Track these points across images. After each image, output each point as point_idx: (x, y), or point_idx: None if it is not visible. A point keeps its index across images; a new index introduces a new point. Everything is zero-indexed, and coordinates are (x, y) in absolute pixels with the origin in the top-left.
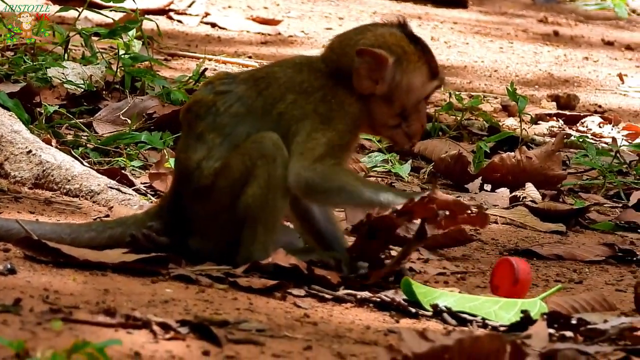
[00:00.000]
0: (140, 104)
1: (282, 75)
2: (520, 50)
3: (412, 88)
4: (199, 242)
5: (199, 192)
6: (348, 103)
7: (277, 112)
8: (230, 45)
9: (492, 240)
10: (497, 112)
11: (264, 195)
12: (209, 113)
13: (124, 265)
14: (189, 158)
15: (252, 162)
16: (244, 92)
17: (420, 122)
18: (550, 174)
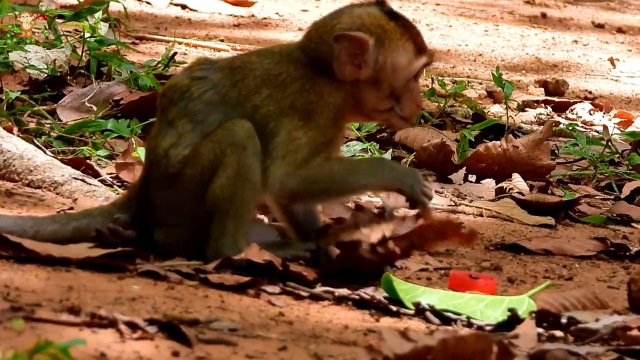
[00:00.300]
0: (107, 89)
1: (258, 67)
2: (506, 33)
3: (398, 67)
4: (165, 234)
5: (165, 181)
6: (328, 93)
7: (252, 105)
8: (201, 28)
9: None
10: (482, 98)
11: (233, 185)
12: (182, 98)
13: (89, 261)
14: (158, 145)
15: (222, 150)
16: (220, 80)
17: (414, 101)
18: (538, 164)
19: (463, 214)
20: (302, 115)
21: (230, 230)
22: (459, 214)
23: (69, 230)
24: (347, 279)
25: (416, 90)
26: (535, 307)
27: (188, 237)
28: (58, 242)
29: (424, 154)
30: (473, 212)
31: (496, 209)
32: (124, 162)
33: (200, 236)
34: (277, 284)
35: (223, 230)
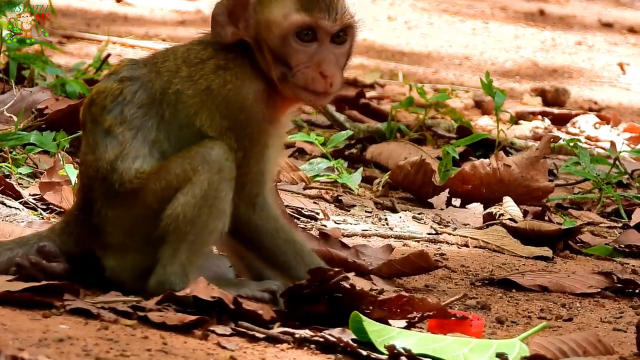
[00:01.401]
0: (29, 97)
1: (179, 47)
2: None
3: (271, 22)
4: (116, 261)
5: (118, 199)
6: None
7: (174, 91)
8: (140, 25)
9: (462, 268)
10: (469, 109)
11: (198, 208)
12: (116, 104)
13: (9, 296)
14: (99, 159)
15: (193, 166)
16: (145, 75)
17: (315, 68)
18: (534, 186)
19: (445, 244)
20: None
21: (182, 258)
22: (440, 243)
23: (2, 262)
24: (309, 319)
25: (316, 55)
26: (528, 352)
27: (143, 264)
28: None
29: (400, 173)
30: (457, 241)
31: (484, 238)
32: (49, 182)
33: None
34: (228, 323)
35: (174, 256)
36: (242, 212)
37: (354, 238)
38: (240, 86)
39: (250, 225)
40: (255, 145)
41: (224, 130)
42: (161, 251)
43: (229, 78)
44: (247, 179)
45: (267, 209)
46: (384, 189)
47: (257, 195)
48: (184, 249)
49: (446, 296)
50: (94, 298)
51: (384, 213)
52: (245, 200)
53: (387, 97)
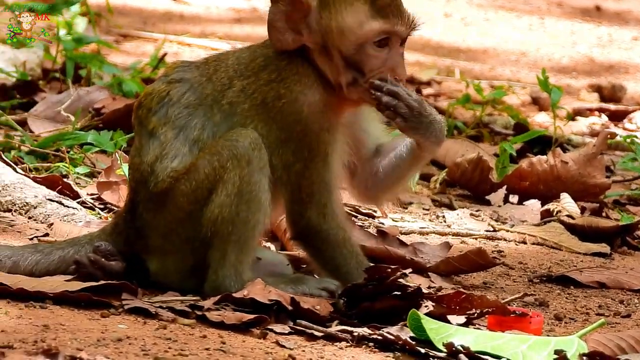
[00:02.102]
0: (86, 96)
1: (231, 56)
2: (553, 29)
3: (345, 30)
4: (159, 263)
5: (155, 200)
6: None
7: (228, 102)
8: (196, 24)
9: (520, 265)
10: (526, 105)
11: (235, 205)
12: (162, 105)
13: (68, 296)
14: (142, 161)
15: (221, 163)
16: (196, 78)
17: (389, 72)
18: (591, 183)
19: (503, 241)
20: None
21: (232, 259)
22: (498, 240)
23: (53, 261)
24: (367, 317)
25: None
26: (586, 348)
27: (185, 267)
28: (40, 275)
29: (457, 170)
30: (515, 238)
31: (542, 235)
32: (106, 181)
33: (199, 266)
34: (286, 322)
35: (223, 259)
36: (313, 221)
37: (411, 235)
38: (294, 99)
39: (321, 233)
40: (315, 155)
41: (281, 141)
42: (209, 256)
43: (282, 91)
44: (314, 189)
45: (337, 217)
46: (441, 186)
47: (326, 205)
48: (230, 250)
49: (504, 293)
50: (152, 297)
51: (442, 210)
52: (315, 209)
53: (444, 94)
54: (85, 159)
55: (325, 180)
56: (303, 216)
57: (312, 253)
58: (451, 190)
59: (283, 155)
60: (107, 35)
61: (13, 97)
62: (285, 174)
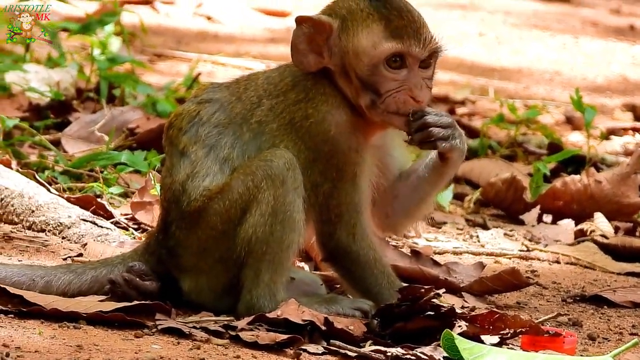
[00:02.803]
0: (120, 116)
1: (260, 74)
2: (587, 48)
3: (360, 51)
4: (192, 283)
5: (188, 220)
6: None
7: (256, 121)
8: (230, 43)
9: (553, 284)
10: (560, 125)
11: (269, 225)
12: (191, 125)
13: (101, 316)
14: (174, 181)
15: (255, 183)
16: (226, 98)
17: (405, 93)
18: (625, 202)
19: (537, 261)
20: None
21: (266, 279)
22: (531, 260)
23: (85, 281)
24: (400, 337)
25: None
26: None
27: (218, 286)
28: (73, 295)
29: (491, 190)
30: (548, 258)
31: (575, 254)
32: (140, 201)
33: (232, 285)
34: (319, 342)
35: (257, 278)
36: (343, 242)
37: (445, 255)
38: (321, 119)
39: (351, 254)
40: (343, 176)
41: (309, 162)
42: (243, 275)
43: (310, 111)
44: (342, 209)
45: (367, 237)
46: (475, 205)
47: (355, 225)
48: (264, 269)
49: (538, 313)
50: (186, 318)
51: (475, 230)
52: (345, 230)
53: (478, 113)
54: (119, 179)
55: (354, 200)
56: (332, 237)
57: (343, 274)
58: (485, 210)
59: (311, 175)
60: (141, 55)
61: (47, 117)
62: (313, 195)
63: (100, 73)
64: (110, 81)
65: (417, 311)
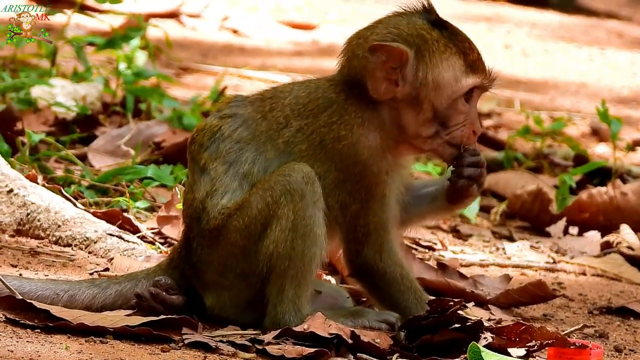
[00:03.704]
0: (146, 130)
1: (286, 95)
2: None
3: (442, 84)
4: (215, 299)
5: (208, 237)
6: (359, 123)
7: (284, 141)
8: (256, 56)
9: (580, 296)
10: (586, 136)
11: (290, 241)
12: (212, 141)
13: (128, 331)
14: (194, 198)
15: (274, 199)
16: (250, 114)
17: (467, 126)
18: None
19: (563, 272)
20: (338, 163)
21: (290, 294)
22: (558, 272)
23: (110, 295)
24: (427, 350)
25: (469, 114)
26: None
27: (241, 302)
28: (97, 309)
29: (517, 202)
30: (575, 270)
31: (602, 266)
32: (167, 215)
33: (255, 300)
34: (346, 355)
35: (281, 294)
36: (370, 260)
37: (471, 268)
38: (355, 142)
39: (378, 272)
40: (372, 196)
41: (338, 182)
42: (268, 291)
43: (343, 133)
44: (370, 229)
45: (393, 255)
46: (501, 218)
47: (382, 244)
48: (288, 285)
49: (564, 325)
50: (212, 332)
51: (502, 242)
52: (372, 248)
53: (504, 125)
54: (145, 193)
55: (382, 220)
56: (359, 255)
57: (370, 290)
58: (511, 222)
59: (340, 195)
60: (166, 69)
61: (73, 132)
62: (341, 215)
63: (126, 87)
64: (136, 95)
65: (443, 323)
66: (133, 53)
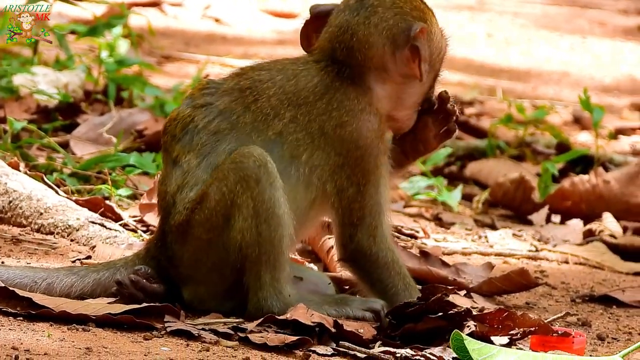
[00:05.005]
0: (128, 118)
1: (270, 85)
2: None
3: (442, 49)
4: (190, 292)
5: (175, 232)
6: (361, 108)
7: (275, 133)
8: (238, 45)
9: (562, 285)
10: (568, 125)
11: (254, 228)
12: (185, 132)
13: (110, 318)
14: (166, 191)
15: (230, 188)
16: (227, 105)
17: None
18: (633, 202)
19: (545, 261)
20: (338, 147)
21: (268, 279)
22: (540, 260)
23: (87, 283)
24: (410, 338)
25: None
26: None
27: (218, 293)
28: (75, 297)
29: (499, 190)
30: (557, 258)
31: (584, 254)
32: (149, 203)
33: (232, 289)
34: (328, 343)
35: (259, 280)
36: (364, 244)
37: (454, 256)
38: (359, 127)
39: (371, 256)
40: (370, 179)
41: (337, 167)
42: (245, 279)
43: (346, 119)
44: (365, 212)
45: (386, 239)
46: (483, 206)
47: (376, 227)
48: (263, 271)
49: (547, 313)
50: (195, 320)
51: (484, 230)
52: (365, 232)
53: (487, 114)
54: (127, 181)
55: (377, 203)
56: (353, 239)
57: (361, 275)
58: (494, 211)
59: (337, 180)
60: (149, 57)
61: (55, 119)
62: (337, 199)
63: (109, 75)
64: (118, 83)
65: (429, 311)
66: (115, 41)
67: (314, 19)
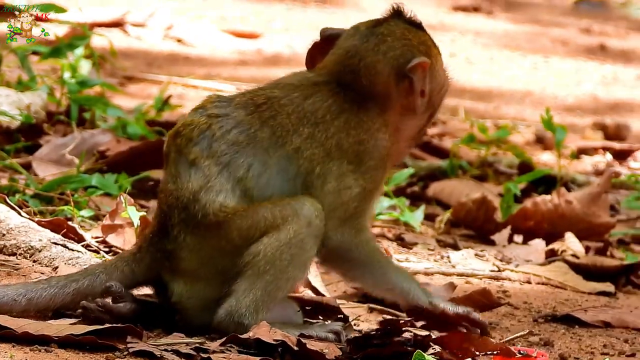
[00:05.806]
0: (90, 139)
1: (287, 102)
2: (558, 68)
3: (443, 86)
4: (184, 287)
5: (198, 227)
6: (377, 128)
7: (293, 148)
8: (201, 66)
9: (525, 305)
10: (530, 144)
11: (279, 250)
12: (203, 137)
13: (72, 339)
14: (180, 188)
15: (283, 215)
16: (244, 118)
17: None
18: (596, 222)
19: (508, 281)
20: (352, 158)
21: (256, 295)
22: (502, 280)
23: (68, 294)
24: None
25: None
26: None
27: (211, 296)
28: (58, 309)
29: (461, 210)
30: (519, 278)
31: (546, 274)
32: (111, 224)
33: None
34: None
35: (249, 290)
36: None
37: (416, 276)
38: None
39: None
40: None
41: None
42: (236, 284)
43: (363, 137)
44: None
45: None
46: (446, 226)
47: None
48: (259, 286)
49: (509, 333)
50: (157, 340)
51: (446, 250)
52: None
53: (449, 133)
54: (89, 202)
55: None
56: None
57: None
58: (456, 231)
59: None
60: (111, 78)
61: (17, 140)
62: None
63: (71, 96)
64: (80, 104)
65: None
66: (77, 62)
67: (323, 42)
